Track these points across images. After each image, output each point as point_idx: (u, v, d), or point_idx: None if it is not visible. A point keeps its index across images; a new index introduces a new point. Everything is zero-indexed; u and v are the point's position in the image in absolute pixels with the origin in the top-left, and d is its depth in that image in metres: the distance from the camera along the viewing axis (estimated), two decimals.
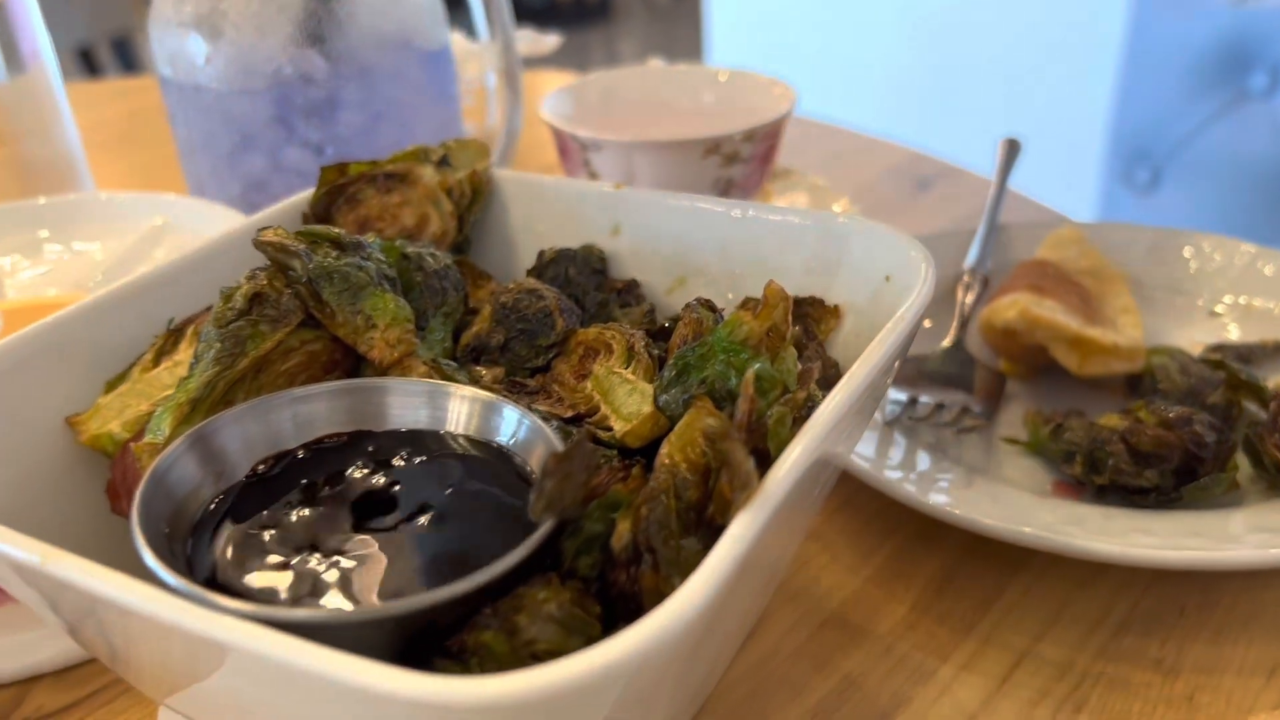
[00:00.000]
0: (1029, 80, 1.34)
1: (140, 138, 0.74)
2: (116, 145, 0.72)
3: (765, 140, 0.46)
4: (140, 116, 0.78)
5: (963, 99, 1.41)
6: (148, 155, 0.68)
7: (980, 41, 1.37)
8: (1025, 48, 1.33)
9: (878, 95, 1.51)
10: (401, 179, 0.34)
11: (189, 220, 0.39)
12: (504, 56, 0.52)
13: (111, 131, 0.75)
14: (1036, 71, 1.33)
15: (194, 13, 0.42)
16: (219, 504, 0.22)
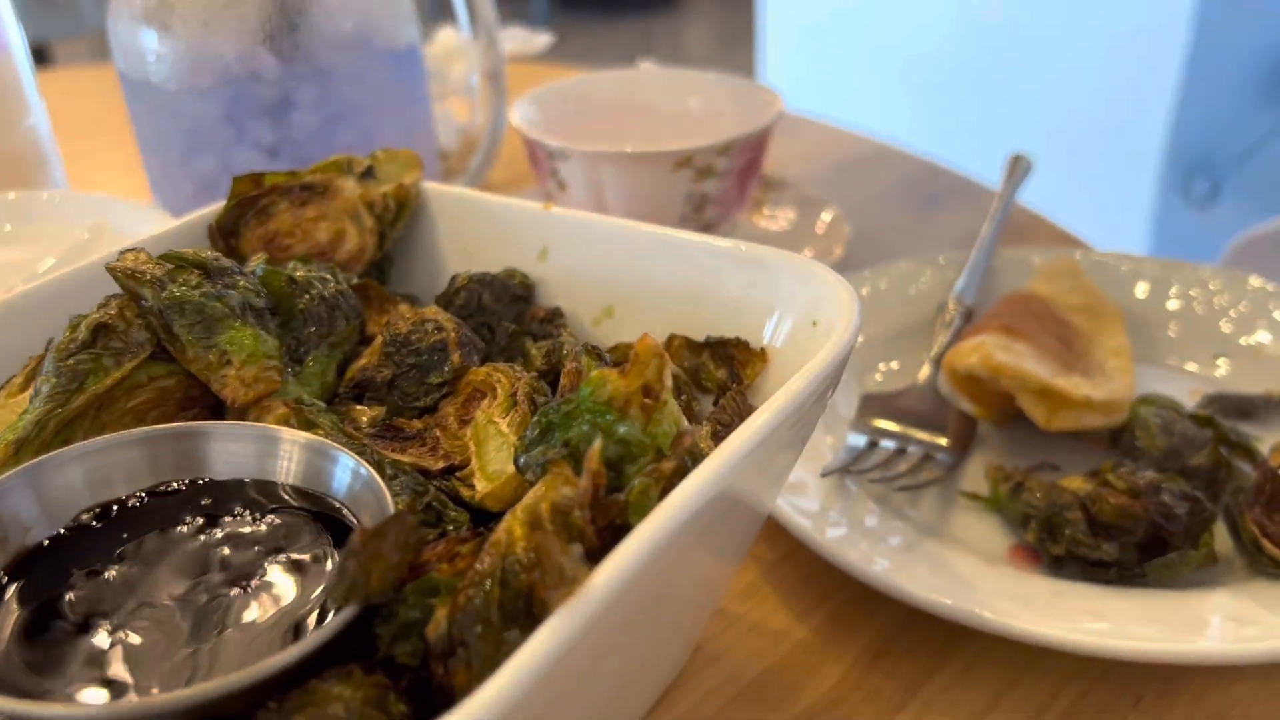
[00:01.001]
0: (1086, 84, 1.29)
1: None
2: (104, 135, 0.71)
3: (744, 153, 0.43)
4: None
5: (1016, 103, 1.36)
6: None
7: (1037, 42, 1.32)
8: (1084, 51, 1.28)
9: (929, 91, 1.46)
10: (320, 191, 0.32)
11: (129, 223, 0.38)
12: (487, 55, 0.50)
13: (102, 122, 0.75)
14: (1095, 75, 1.27)
15: (144, 6, 0.40)
16: (14, 560, 0.20)
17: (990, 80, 1.38)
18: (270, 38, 0.40)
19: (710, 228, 0.45)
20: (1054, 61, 1.31)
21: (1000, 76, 1.37)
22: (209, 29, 0.40)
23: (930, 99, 1.47)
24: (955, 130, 1.43)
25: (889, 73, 1.49)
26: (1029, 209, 0.53)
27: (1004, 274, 0.43)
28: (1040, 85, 1.33)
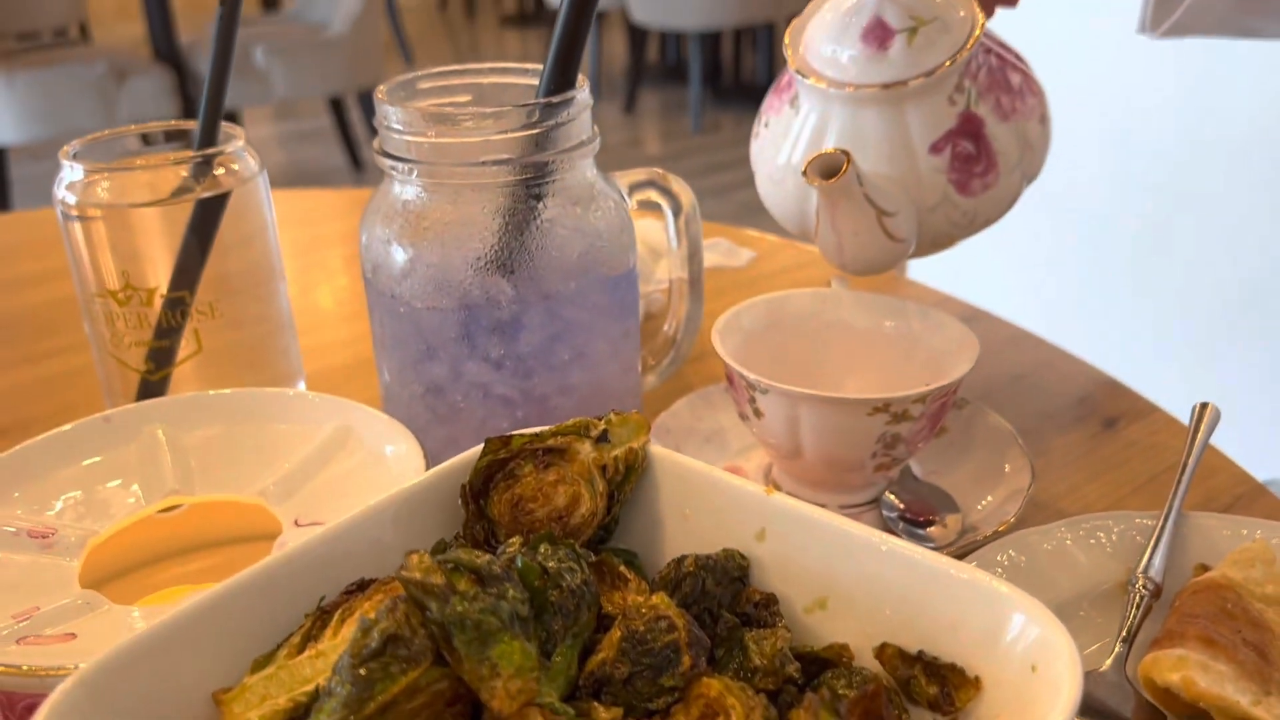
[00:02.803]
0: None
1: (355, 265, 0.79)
2: (329, 275, 0.77)
3: (939, 399, 0.44)
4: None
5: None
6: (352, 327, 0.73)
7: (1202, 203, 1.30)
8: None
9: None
10: (560, 454, 0.35)
11: (368, 432, 0.41)
12: (689, 265, 0.53)
13: (326, 254, 0.81)
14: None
15: (399, 227, 0.44)
16: None
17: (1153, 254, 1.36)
18: (508, 269, 0.44)
19: (897, 462, 0.46)
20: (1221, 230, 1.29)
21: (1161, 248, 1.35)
22: (456, 254, 0.44)
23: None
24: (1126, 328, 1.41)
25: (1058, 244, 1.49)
26: (1215, 447, 0.53)
27: (1190, 538, 0.43)
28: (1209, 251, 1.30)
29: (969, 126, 0.50)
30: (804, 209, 0.53)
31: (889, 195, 0.48)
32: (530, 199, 0.44)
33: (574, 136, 0.44)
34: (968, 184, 0.50)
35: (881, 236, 0.49)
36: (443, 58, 5.45)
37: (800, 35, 0.53)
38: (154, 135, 0.53)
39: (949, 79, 0.50)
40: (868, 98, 0.49)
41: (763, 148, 0.55)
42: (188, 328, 0.49)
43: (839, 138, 0.51)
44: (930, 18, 0.50)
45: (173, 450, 0.42)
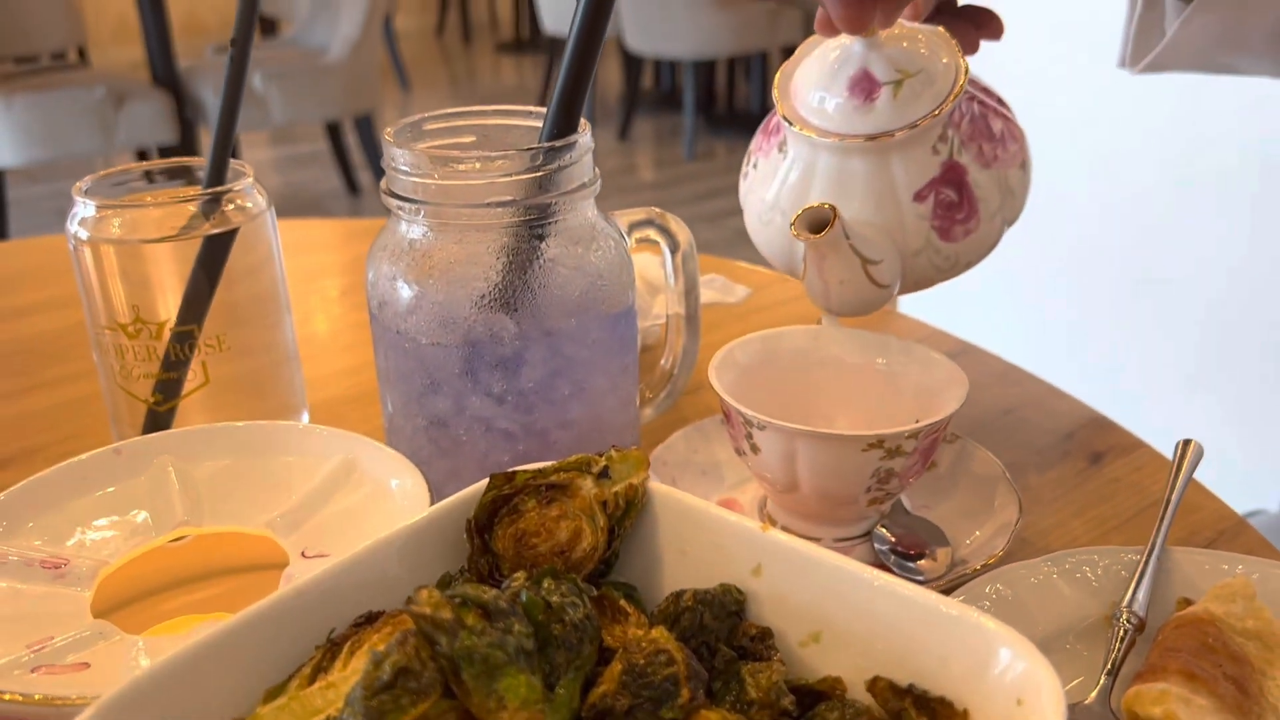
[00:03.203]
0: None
1: (363, 292, 0.80)
2: (334, 320, 0.78)
3: (929, 436, 0.46)
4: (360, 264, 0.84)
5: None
6: (367, 333, 0.74)
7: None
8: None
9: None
10: (562, 490, 0.36)
11: (373, 465, 0.42)
12: (686, 301, 0.54)
13: (323, 284, 0.82)
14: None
15: (406, 266, 0.46)
16: None
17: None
18: (510, 304, 0.45)
19: (890, 496, 0.47)
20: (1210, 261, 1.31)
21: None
22: (460, 292, 0.45)
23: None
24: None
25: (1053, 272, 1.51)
26: (1198, 481, 0.54)
27: (1174, 573, 0.45)
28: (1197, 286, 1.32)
29: (952, 175, 0.52)
30: (791, 249, 0.54)
31: (874, 244, 0.50)
32: (533, 239, 0.45)
33: (576, 179, 0.46)
34: (950, 230, 0.52)
35: (867, 283, 0.50)
36: (439, 83, 5.49)
37: (789, 81, 0.55)
38: (164, 170, 0.54)
39: (933, 129, 0.51)
40: (854, 148, 0.51)
41: (751, 187, 0.56)
42: (195, 360, 0.50)
43: (825, 183, 0.52)
44: (915, 70, 0.51)
45: (182, 482, 0.43)
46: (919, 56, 0.52)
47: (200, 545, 0.41)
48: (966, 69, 0.52)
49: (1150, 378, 1.41)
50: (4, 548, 0.38)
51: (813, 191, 0.52)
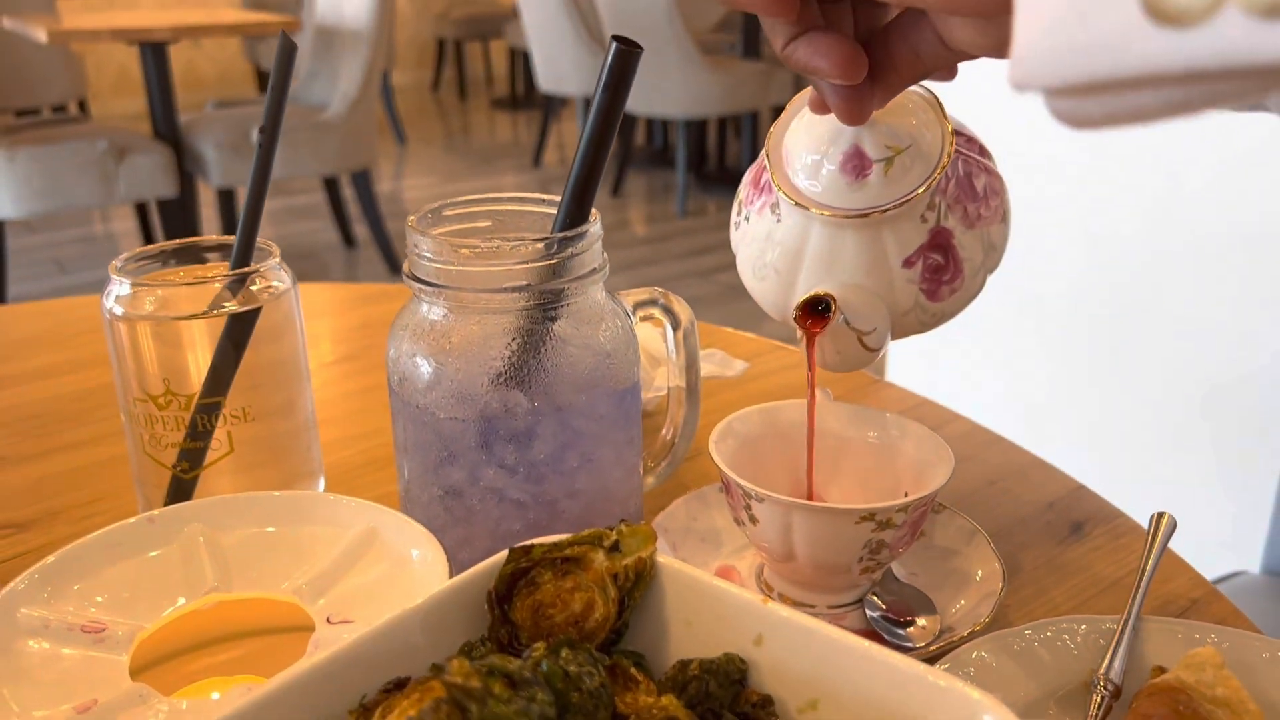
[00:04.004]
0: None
1: (368, 358, 0.83)
2: (342, 379, 0.81)
3: (919, 509, 0.48)
4: (369, 330, 0.87)
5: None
6: (373, 398, 0.77)
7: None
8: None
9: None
10: (576, 563, 0.38)
11: (393, 535, 0.45)
12: (687, 374, 0.57)
13: (321, 349, 0.85)
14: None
15: (427, 345, 0.49)
16: None
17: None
18: (523, 381, 0.48)
19: (881, 565, 0.50)
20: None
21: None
22: (477, 369, 0.48)
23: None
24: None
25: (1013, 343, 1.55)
26: (1173, 551, 0.57)
27: (1148, 641, 0.47)
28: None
29: (939, 240, 0.55)
30: (786, 304, 0.56)
31: (867, 316, 0.53)
32: (546, 320, 0.48)
33: (587, 265, 0.49)
34: (937, 291, 0.55)
35: (860, 350, 0.53)
36: (434, 137, 5.56)
37: (779, 145, 0.57)
38: (194, 247, 0.57)
39: (923, 200, 0.54)
40: (846, 222, 0.54)
41: (744, 240, 0.58)
42: (221, 429, 0.53)
43: (818, 250, 0.54)
44: (905, 145, 0.54)
45: (211, 549, 0.45)
46: (909, 129, 0.54)
47: (229, 610, 0.44)
48: (953, 141, 0.55)
49: (1132, 437, 1.44)
50: (48, 613, 0.41)
51: (806, 256, 0.55)
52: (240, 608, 0.44)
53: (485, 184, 4.61)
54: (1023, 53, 0.22)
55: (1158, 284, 1.36)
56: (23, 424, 0.72)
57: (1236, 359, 1.31)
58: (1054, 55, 0.21)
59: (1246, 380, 1.30)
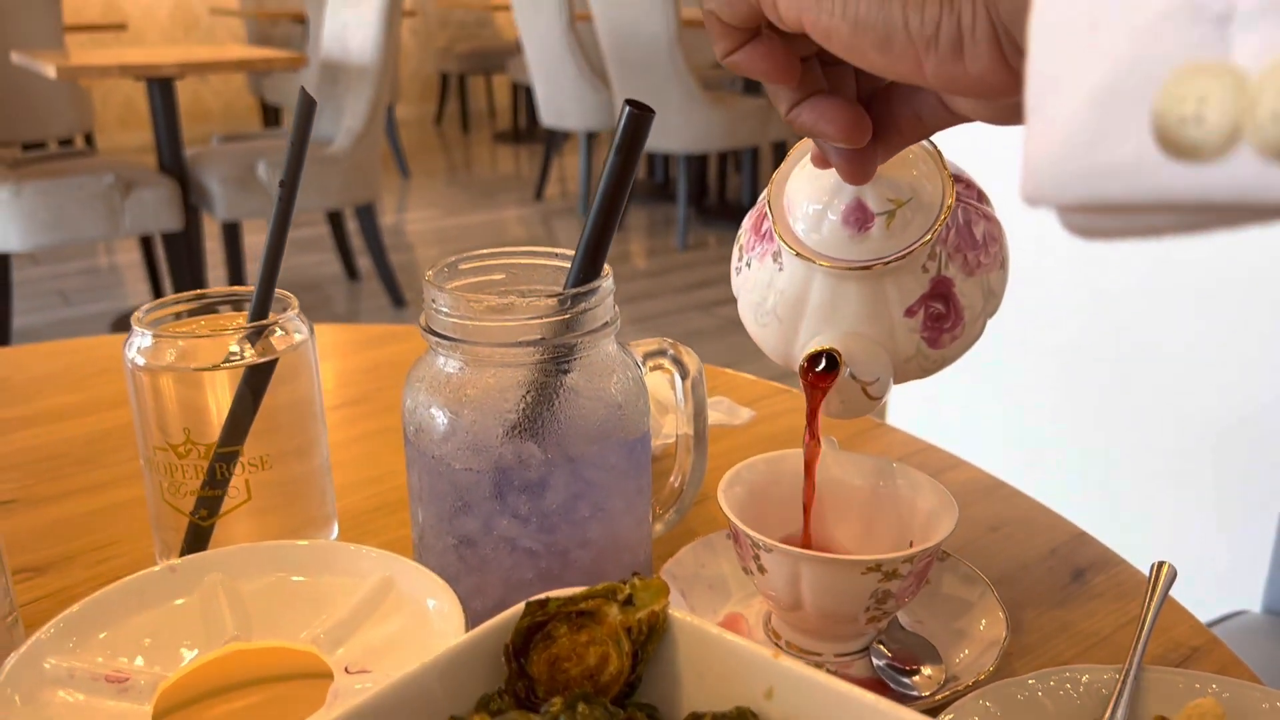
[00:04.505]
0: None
1: (377, 401, 0.84)
2: (355, 418, 0.82)
3: (924, 560, 0.49)
4: (377, 373, 0.88)
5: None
6: (382, 441, 0.78)
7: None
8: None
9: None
10: (591, 616, 0.39)
11: (409, 584, 0.46)
12: (695, 422, 0.59)
13: (352, 389, 0.86)
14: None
15: (443, 397, 0.50)
16: None
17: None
18: (536, 433, 0.49)
19: (887, 615, 0.51)
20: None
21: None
22: (492, 421, 0.49)
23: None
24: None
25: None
26: (1174, 599, 0.58)
27: (1149, 691, 0.48)
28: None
29: (940, 289, 0.56)
30: (788, 351, 0.57)
31: (870, 366, 0.54)
32: (559, 373, 0.50)
33: (599, 319, 0.50)
34: (938, 339, 0.56)
35: (864, 399, 0.54)
36: (437, 170, 5.60)
37: (781, 194, 0.58)
38: (212, 295, 0.58)
39: (924, 252, 0.55)
40: (849, 274, 0.55)
41: (746, 286, 0.58)
42: (239, 477, 0.54)
43: (820, 299, 0.55)
44: (907, 198, 0.55)
45: (231, 598, 0.46)
46: (910, 181, 0.55)
47: (249, 658, 0.45)
48: (953, 194, 0.56)
49: (1132, 475, 1.45)
50: (74, 663, 0.41)
51: (808, 305, 0.55)
52: (259, 656, 0.45)
53: (487, 217, 4.64)
54: (1034, 169, 0.22)
55: (1157, 326, 1.37)
56: (38, 466, 0.73)
57: (1237, 399, 1.32)
58: (1066, 176, 0.21)
59: (1247, 421, 1.31)
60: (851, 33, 0.35)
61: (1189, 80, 0.19)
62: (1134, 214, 0.21)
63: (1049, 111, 0.22)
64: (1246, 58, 0.18)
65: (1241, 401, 1.32)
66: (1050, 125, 0.22)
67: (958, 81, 0.35)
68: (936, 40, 0.34)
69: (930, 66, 0.34)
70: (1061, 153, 0.21)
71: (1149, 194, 0.20)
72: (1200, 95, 0.18)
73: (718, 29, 0.41)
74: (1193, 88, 0.18)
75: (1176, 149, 0.19)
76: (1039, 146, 0.22)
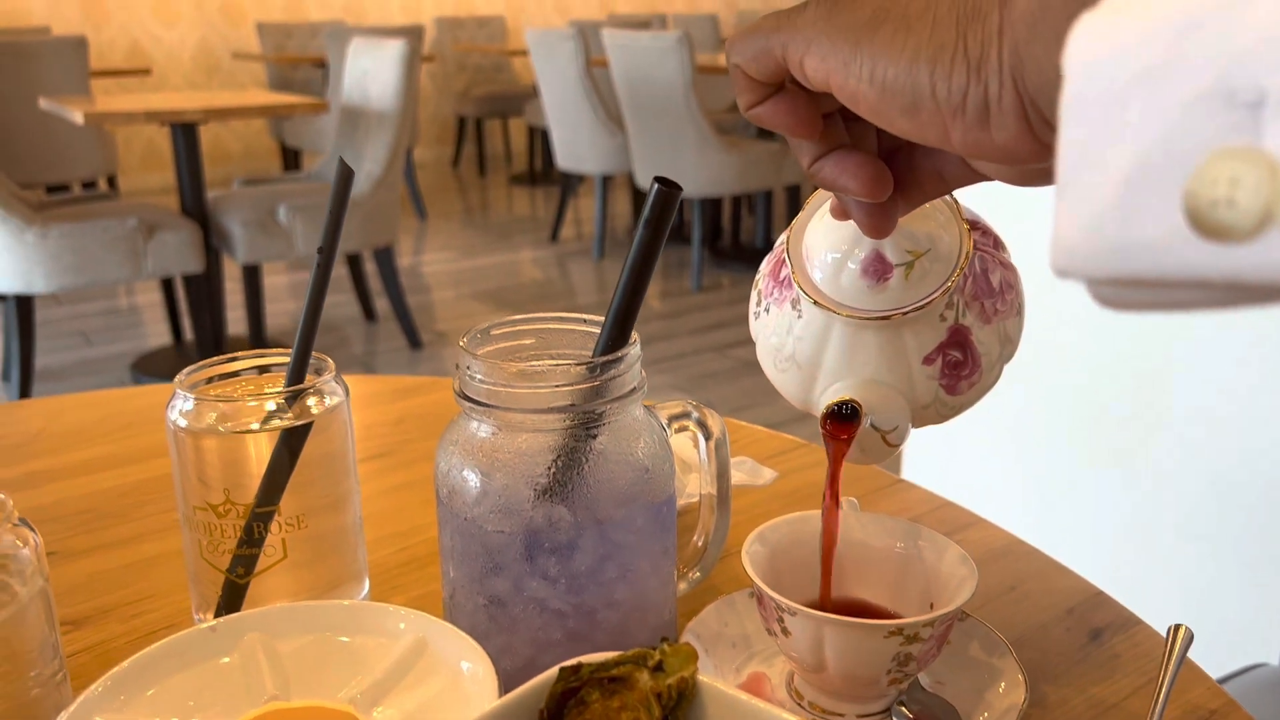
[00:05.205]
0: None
1: (403, 454, 0.86)
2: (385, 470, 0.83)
3: (945, 623, 0.50)
4: (403, 426, 0.90)
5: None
6: (408, 495, 0.79)
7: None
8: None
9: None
10: (622, 682, 0.40)
11: (443, 646, 0.47)
12: (718, 483, 0.60)
13: (378, 442, 0.87)
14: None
15: (475, 461, 0.51)
16: None
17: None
18: (566, 496, 0.51)
19: (908, 677, 0.52)
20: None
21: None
22: (523, 484, 0.50)
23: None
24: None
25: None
26: (1191, 660, 0.58)
27: None
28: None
29: (957, 337, 0.57)
30: (806, 394, 0.58)
31: (888, 415, 0.55)
32: (588, 437, 0.51)
33: (627, 385, 0.52)
34: (956, 385, 0.57)
35: (883, 446, 0.55)
36: (454, 213, 5.66)
37: (800, 242, 0.59)
38: (249, 356, 0.60)
39: (942, 301, 0.56)
40: (868, 324, 0.56)
41: (764, 331, 0.60)
42: (275, 536, 0.55)
43: (839, 347, 0.56)
44: (925, 249, 0.56)
45: (270, 658, 0.47)
46: (928, 232, 0.55)
47: (288, 717, 0.46)
48: (971, 244, 0.56)
49: (1149, 525, 1.45)
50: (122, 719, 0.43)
51: (827, 352, 0.56)
52: (298, 716, 0.46)
53: (503, 258, 4.68)
54: (1064, 242, 0.23)
55: (1174, 379, 1.38)
56: (73, 519, 0.75)
57: (1254, 454, 1.33)
58: (1097, 251, 0.22)
59: (1265, 473, 1.32)
60: (879, 98, 0.36)
61: (1221, 164, 0.19)
62: (1164, 289, 0.21)
63: (1081, 187, 0.23)
64: (1278, 144, 0.18)
65: (1257, 456, 1.32)
66: (1082, 201, 0.23)
67: (983, 148, 0.35)
68: (964, 109, 0.34)
69: (957, 134, 0.35)
70: (1093, 228, 0.22)
71: (1179, 271, 0.20)
72: (1232, 178, 0.19)
73: (743, 83, 0.42)
74: (1225, 171, 0.19)
75: (1208, 229, 0.19)
76: (1070, 221, 0.23)
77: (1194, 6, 0.20)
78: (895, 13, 0.35)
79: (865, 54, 0.35)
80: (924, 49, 0.34)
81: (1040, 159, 0.34)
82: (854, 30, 0.36)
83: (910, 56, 0.34)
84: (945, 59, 0.33)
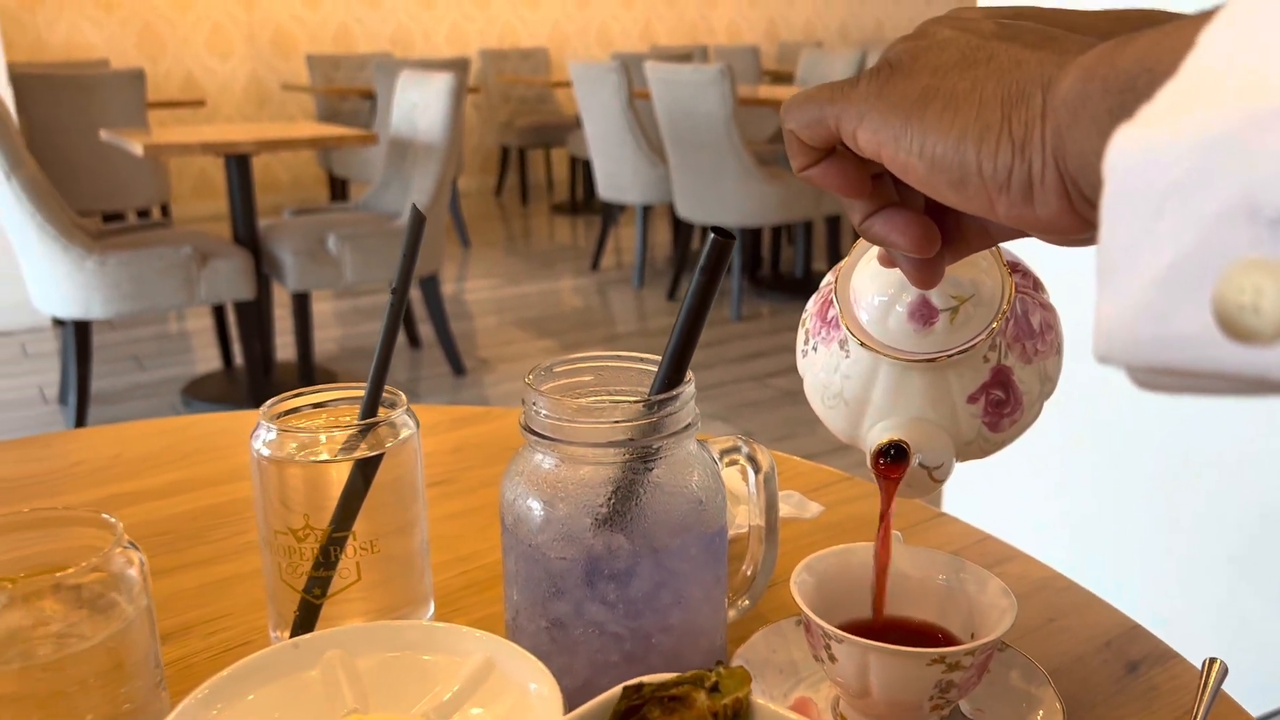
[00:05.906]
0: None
1: (462, 481, 0.89)
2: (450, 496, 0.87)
3: (985, 652, 0.53)
4: (462, 454, 0.94)
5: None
6: (468, 521, 0.82)
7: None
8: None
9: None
10: (681, 701, 0.43)
11: (509, 666, 0.50)
12: (767, 515, 0.63)
13: (439, 469, 0.91)
14: None
15: (539, 491, 0.55)
16: None
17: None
18: (624, 526, 0.54)
19: (950, 704, 0.54)
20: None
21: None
22: (583, 514, 0.53)
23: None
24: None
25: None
26: (1225, 693, 0.60)
27: None
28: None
29: (1000, 377, 0.59)
30: (854, 432, 0.60)
31: (934, 452, 0.57)
32: (644, 470, 0.54)
33: (682, 421, 0.55)
34: (998, 423, 0.59)
35: (929, 482, 0.57)
36: (496, 241, 5.73)
37: (847, 285, 0.61)
38: (327, 389, 0.64)
39: (985, 344, 0.59)
40: (913, 366, 0.58)
41: (811, 368, 0.62)
42: (349, 560, 0.59)
43: (886, 387, 0.58)
44: (969, 294, 0.59)
45: (349, 674, 0.51)
46: (971, 278, 0.58)
47: None
48: (1013, 287, 0.59)
49: (1186, 560, 1.46)
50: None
51: (874, 391, 0.59)
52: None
53: (545, 287, 4.74)
54: (1105, 332, 0.25)
55: (1212, 414, 1.39)
56: (154, 540, 0.79)
57: None
58: (1135, 343, 0.24)
59: None
60: (928, 171, 0.38)
61: (1246, 273, 0.21)
62: (1196, 379, 0.24)
63: (1120, 284, 0.25)
64: None
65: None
66: (1120, 295, 0.25)
67: (1027, 221, 0.37)
68: (1008, 185, 0.36)
69: (1002, 207, 0.37)
70: (1131, 322, 0.24)
71: (1210, 366, 0.22)
72: (1256, 287, 0.21)
73: (796, 146, 0.45)
74: (1249, 280, 0.21)
75: (1235, 332, 0.21)
76: (1110, 313, 0.25)
77: (1217, 126, 0.22)
78: (944, 91, 0.38)
79: (915, 129, 0.38)
80: (971, 128, 0.37)
81: (1080, 231, 0.36)
82: (905, 106, 0.39)
83: (958, 134, 0.37)
84: (991, 138, 0.36)
